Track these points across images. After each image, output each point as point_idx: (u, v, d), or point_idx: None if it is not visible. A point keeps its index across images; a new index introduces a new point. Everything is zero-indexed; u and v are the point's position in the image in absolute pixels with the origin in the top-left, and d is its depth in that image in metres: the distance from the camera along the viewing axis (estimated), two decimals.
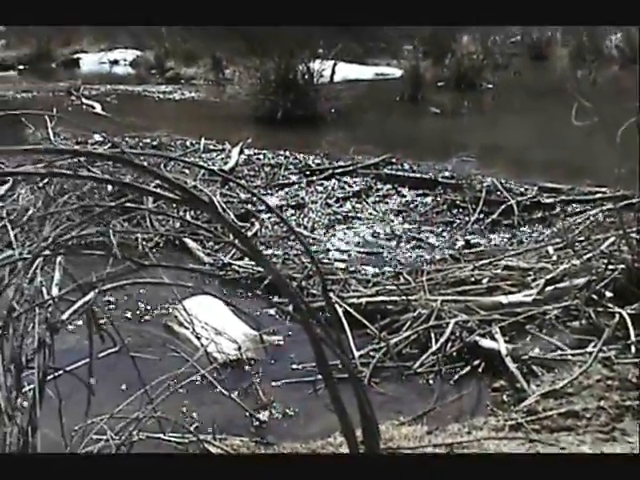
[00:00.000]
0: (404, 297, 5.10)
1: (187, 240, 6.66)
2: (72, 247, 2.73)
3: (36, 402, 2.39)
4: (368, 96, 14.91)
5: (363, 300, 5.25)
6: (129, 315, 5.31)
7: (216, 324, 4.89)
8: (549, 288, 4.97)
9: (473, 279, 5.44)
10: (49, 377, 2.64)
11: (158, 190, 1.94)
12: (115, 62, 20.52)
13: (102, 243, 4.18)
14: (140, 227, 6.77)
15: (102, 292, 2.70)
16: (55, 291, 2.85)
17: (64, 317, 2.67)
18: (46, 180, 6.64)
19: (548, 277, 5.08)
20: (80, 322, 3.70)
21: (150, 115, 12.49)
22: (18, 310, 2.55)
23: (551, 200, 7.40)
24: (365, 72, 18.14)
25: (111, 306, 5.35)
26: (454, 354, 4.58)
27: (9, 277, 2.57)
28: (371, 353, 4.65)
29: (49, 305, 2.63)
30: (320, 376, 2.63)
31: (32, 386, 2.47)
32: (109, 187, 7.23)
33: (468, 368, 4.45)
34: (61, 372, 2.80)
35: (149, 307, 5.43)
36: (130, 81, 17.11)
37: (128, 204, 3.78)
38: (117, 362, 3.66)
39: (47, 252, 2.45)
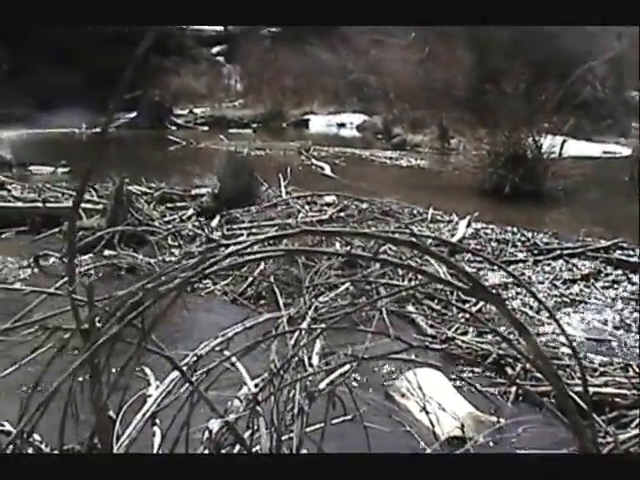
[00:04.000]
0: (635, 391, 4.86)
1: (411, 310, 6.70)
2: (338, 319, 2.83)
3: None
4: (596, 175, 14.47)
5: (590, 389, 5.04)
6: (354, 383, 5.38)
7: (438, 398, 4.86)
8: None
9: None
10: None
11: (449, 279, 1.98)
12: (342, 125, 21.21)
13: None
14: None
15: (360, 363, 2.78)
16: (315, 360, 2.95)
17: (321, 386, 2.76)
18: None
19: None
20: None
21: (377, 180, 12.76)
22: (281, 376, 2.68)
23: None
24: (593, 149, 17.66)
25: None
26: None
27: (271, 342, 2.71)
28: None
29: (308, 374, 2.73)
30: None
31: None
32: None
33: None
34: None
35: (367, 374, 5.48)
36: (356, 144, 17.58)
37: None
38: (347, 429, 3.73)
39: (320, 325, 2.55)
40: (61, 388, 2.42)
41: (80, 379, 2.52)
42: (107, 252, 8.29)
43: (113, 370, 2.37)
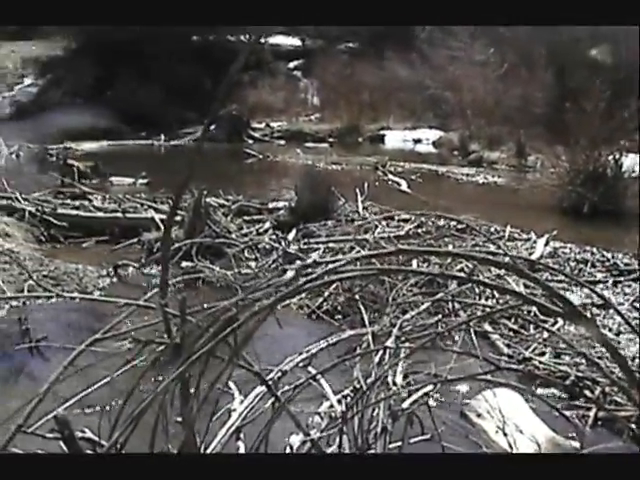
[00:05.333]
0: None
1: (488, 328, 6.63)
2: (428, 339, 2.83)
3: None
4: None
5: None
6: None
7: (515, 420, 4.79)
8: None
9: None
10: None
11: (542, 301, 1.97)
12: (418, 141, 21.13)
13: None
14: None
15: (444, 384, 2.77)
16: (399, 379, 2.95)
17: (404, 405, 2.76)
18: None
19: None
20: None
21: (453, 197, 12.69)
22: (365, 394, 2.68)
23: None
24: None
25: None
26: None
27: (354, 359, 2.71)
28: None
29: (393, 393, 2.73)
30: None
31: None
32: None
33: None
34: None
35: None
36: (432, 160, 17.51)
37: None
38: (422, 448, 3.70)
39: (404, 343, 2.55)
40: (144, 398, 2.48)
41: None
42: (185, 263, 8.43)
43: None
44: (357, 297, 7.07)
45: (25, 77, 25.31)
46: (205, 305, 2.40)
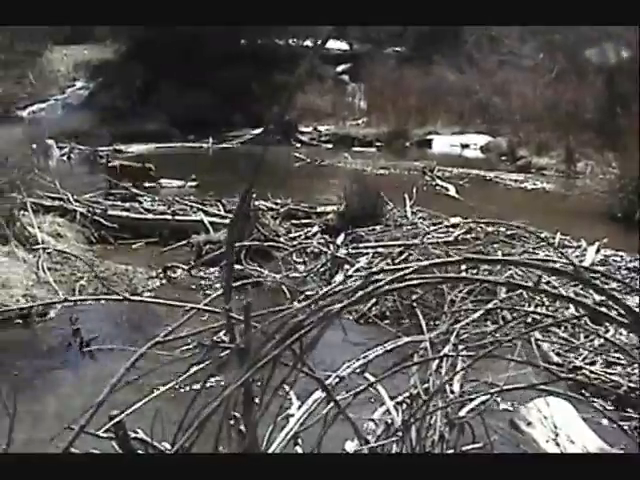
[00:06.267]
0: None
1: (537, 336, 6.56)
2: (491, 348, 2.82)
3: None
4: None
5: None
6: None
7: (566, 430, 4.74)
8: None
9: None
10: None
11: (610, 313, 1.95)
12: (466, 146, 20.99)
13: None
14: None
15: (498, 394, 2.76)
16: (457, 387, 2.94)
17: (462, 414, 2.75)
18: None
19: None
20: None
21: (501, 202, 12.58)
22: (422, 402, 2.68)
23: None
24: None
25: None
26: None
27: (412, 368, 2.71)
28: None
29: (452, 401, 2.73)
30: None
31: None
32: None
33: None
34: None
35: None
36: (480, 166, 17.38)
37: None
38: None
39: (461, 351, 2.55)
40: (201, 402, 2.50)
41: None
42: (235, 266, 8.48)
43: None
44: (405, 303, 7.08)
45: (76, 80, 25.76)
46: (267, 310, 2.41)
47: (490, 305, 5.78)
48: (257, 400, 2.28)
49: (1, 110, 21.69)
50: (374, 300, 7.28)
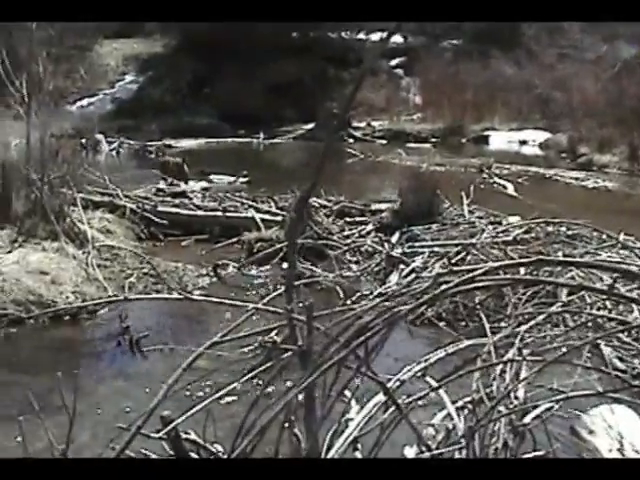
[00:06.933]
0: None
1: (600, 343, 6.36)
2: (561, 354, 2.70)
3: None
4: None
5: None
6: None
7: (631, 438, 4.57)
8: None
9: None
10: None
11: None
12: (524, 142, 20.67)
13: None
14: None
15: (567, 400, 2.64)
16: (521, 393, 2.83)
17: (526, 421, 2.64)
18: None
19: None
20: None
21: (562, 201, 12.31)
22: (489, 408, 2.57)
23: None
24: None
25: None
26: None
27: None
28: None
29: (517, 408, 2.62)
30: None
31: None
32: None
33: None
34: None
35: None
36: (539, 163, 17.07)
37: None
38: None
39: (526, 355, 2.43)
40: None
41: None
42: (285, 264, 8.38)
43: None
44: (467, 305, 6.93)
45: (126, 74, 26.01)
46: (330, 311, 2.32)
47: (554, 308, 5.59)
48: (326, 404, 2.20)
49: (51, 105, 21.97)
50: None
